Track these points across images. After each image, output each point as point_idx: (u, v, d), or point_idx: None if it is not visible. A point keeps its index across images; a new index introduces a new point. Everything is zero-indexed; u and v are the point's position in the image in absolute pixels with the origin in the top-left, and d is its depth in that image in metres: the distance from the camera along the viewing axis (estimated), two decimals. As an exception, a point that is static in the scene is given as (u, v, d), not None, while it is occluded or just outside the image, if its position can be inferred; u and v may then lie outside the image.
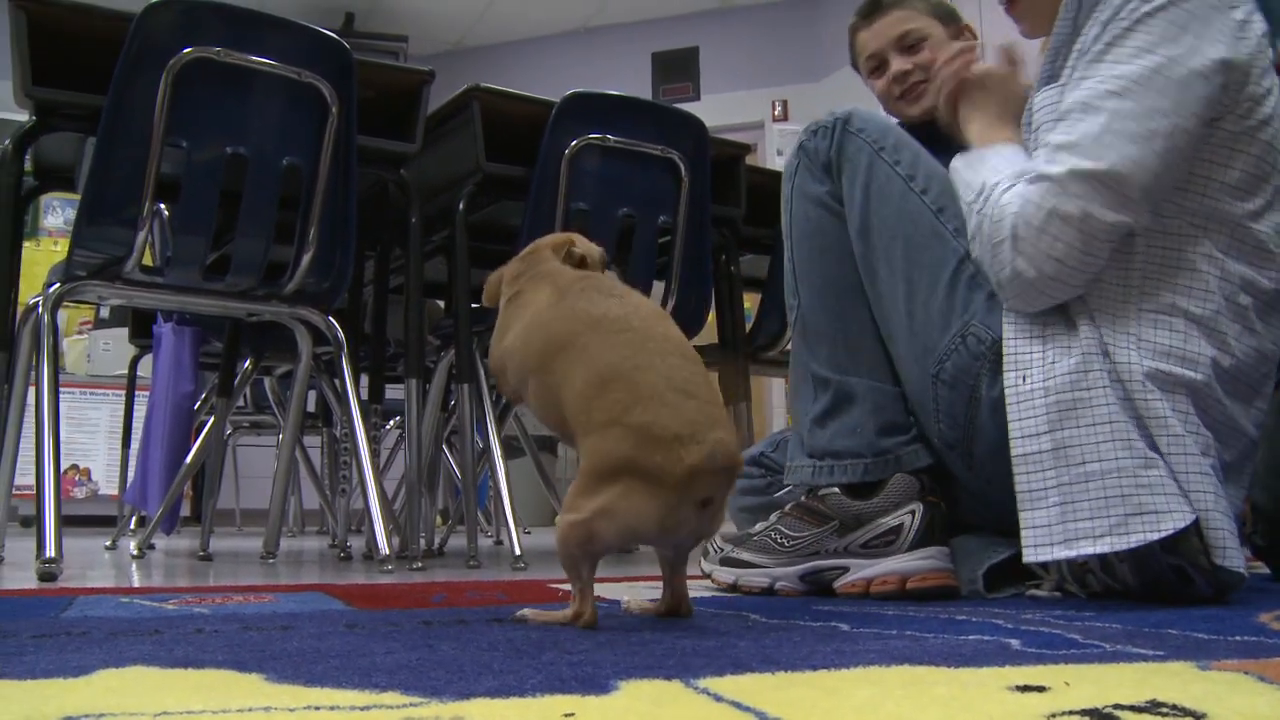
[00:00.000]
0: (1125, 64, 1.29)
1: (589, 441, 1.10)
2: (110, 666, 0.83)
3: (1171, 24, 1.28)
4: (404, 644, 0.95)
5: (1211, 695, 0.69)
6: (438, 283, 3.02)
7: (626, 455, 1.06)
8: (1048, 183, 1.29)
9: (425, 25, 7.11)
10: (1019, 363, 1.33)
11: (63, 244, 5.66)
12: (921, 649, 0.91)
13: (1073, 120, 1.30)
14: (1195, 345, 1.29)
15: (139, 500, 3.30)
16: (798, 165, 1.59)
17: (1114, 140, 1.27)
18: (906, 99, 2.10)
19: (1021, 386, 1.31)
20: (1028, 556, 1.28)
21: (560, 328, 1.18)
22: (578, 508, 1.07)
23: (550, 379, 1.17)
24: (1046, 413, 1.29)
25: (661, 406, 1.07)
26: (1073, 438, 1.27)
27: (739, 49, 7.00)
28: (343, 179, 2.21)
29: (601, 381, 1.10)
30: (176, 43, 1.97)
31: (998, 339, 1.38)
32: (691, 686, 0.73)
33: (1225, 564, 1.24)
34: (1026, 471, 1.29)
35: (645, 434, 1.05)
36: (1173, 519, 1.22)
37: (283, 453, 2.85)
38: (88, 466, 5.87)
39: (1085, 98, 1.30)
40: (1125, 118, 1.27)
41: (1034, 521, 1.28)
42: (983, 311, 1.40)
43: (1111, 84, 1.29)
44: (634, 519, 1.06)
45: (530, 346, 1.21)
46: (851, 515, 1.44)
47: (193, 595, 1.53)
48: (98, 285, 2.12)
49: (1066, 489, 1.26)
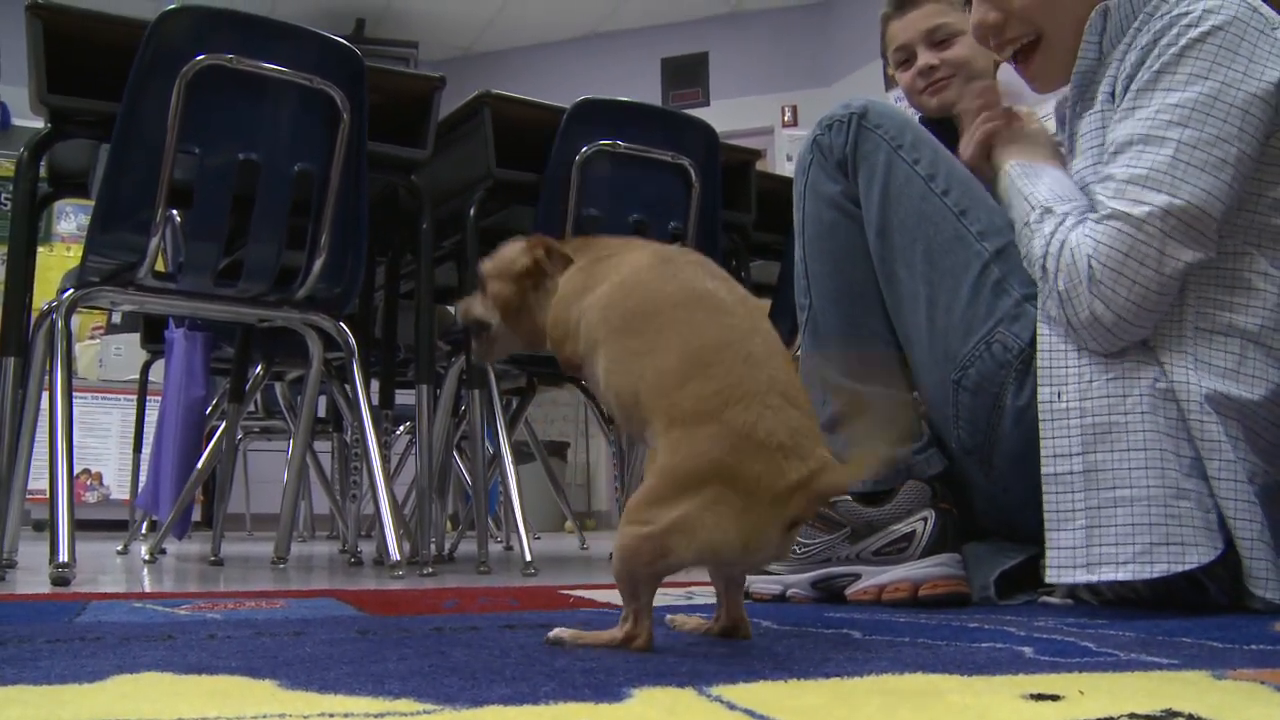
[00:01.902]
0: (1181, 91, 1.27)
1: (672, 435, 0.94)
2: (124, 672, 0.83)
3: (1222, 48, 1.27)
4: (416, 650, 0.95)
5: (1228, 705, 0.69)
6: (448, 288, 3.02)
7: (720, 460, 0.90)
8: (1121, 222, 1.26)
9: (435, 31, 7.13)
10: (1054, 377, 1.31)
11: (76, 250, 5.69)
12: (934, 657, 0.91)
13: (1135, 152, 1.27)
14: (1252, 366, 1.28)
15: (150, 505, 3.31)
16: (811, 161, 1.55)
17: (1186, 172, 1.25)
18: (929, 92, 2.12)
19: (1056, 404, 1.29)
20: (1050, 577, 1.27)
21: (661, 290, 1.03)
22: (649, 518, 0.92)
23: (634, 344, 1.01)
24: (1081, 434, 1.27)
25: (765, 409, 0.92)
26: (1105, 461, 1.26)
27: (749, 54, 7.00)
28: (354, 185, 2.22)
29: (699, 363, 0.96)
30: (189, 50, 1.98)
31: (1025, 347, 1.36)
32: (705, 694, 0.73)
33: (1266, 595, 1.23)
34: (1056, 492, 1.28)
35: (746, 438, 0.91)
36: (1198, 552, 1.22)
37: (294, 458, 2.85)
38: (99, 471, 5.89)
39: (1146, 129, 1.27)
40: (1193, 147, 1.25)
41: (1059, 543, 1.27)
42: (1009, 318, 1.38)
43: (1171, 113, 1.27)
44: (718, 537, 0.90)
45: (616, 307, 1.04)
46: (863, 522, 1.44)
47: (205, 600, 1.53)
48: (111, 291, 2.13)
49: (1094, 513, 1.25)
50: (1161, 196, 1.24)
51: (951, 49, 2.11)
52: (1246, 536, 1.23)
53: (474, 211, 2.42)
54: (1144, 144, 1.27)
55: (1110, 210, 1.27)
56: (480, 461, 2.59)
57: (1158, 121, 1.27)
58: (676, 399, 0.95)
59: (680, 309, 1.01)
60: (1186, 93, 1.26)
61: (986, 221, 1.42)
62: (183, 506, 2.98)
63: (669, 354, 0.97)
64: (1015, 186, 1.41)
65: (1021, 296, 1.38)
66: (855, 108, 1.51)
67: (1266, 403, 1.28)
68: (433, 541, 2.58)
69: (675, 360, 0.97)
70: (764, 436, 0.91)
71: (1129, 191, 1.26)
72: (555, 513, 6.03)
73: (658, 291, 1.03)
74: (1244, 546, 1.24)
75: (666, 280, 1.04)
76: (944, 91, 2.14)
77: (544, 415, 6.93)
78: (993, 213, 1.43)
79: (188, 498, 2.99)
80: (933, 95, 2.15)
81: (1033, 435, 1.32)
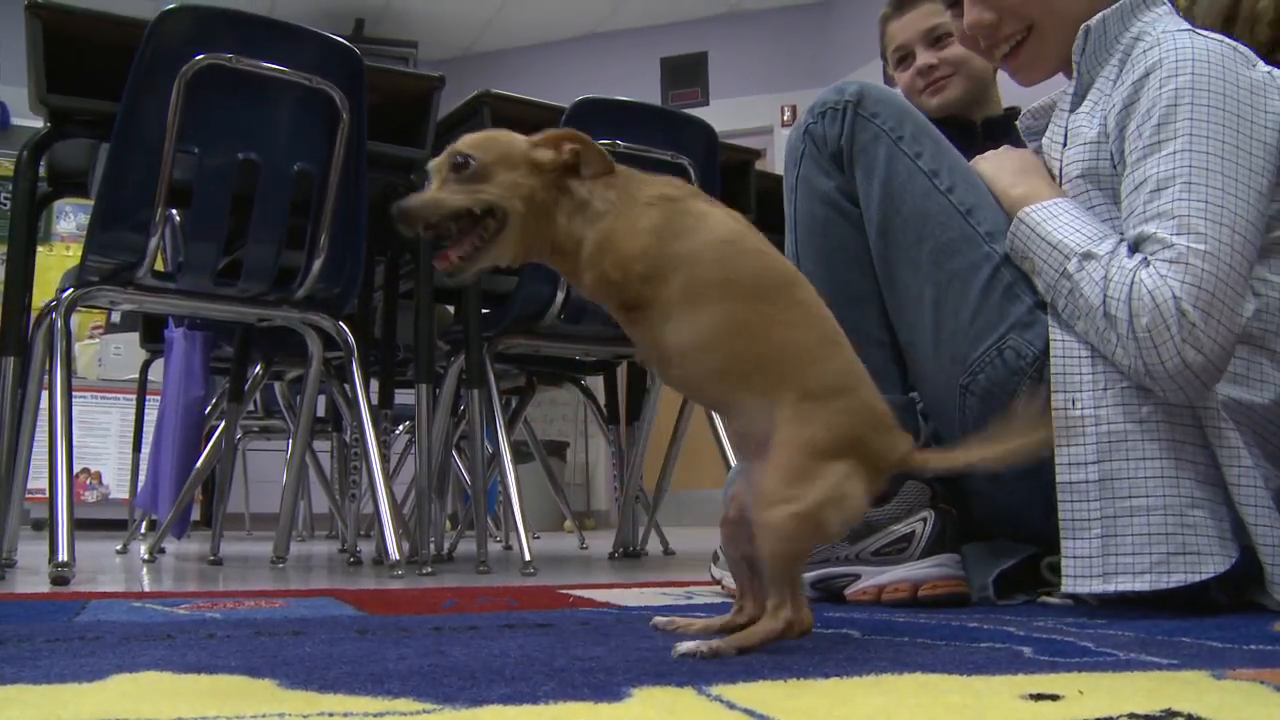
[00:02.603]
0: (1204, 122, 1.25)
1: (804, 407, 0.95)
2: (124, 671, 0.83)
3: (1226, 83, 1.27)
4: (415, 650, 0.95)
5: (1228, 705, 0.69)
6: (447, 288, 3.02)
7: (856, 432, 0.95)
8: (1200, 260, 1.21)
9: (435, 30, 7.12)
10: (1067, 385, 1.29)
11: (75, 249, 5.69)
12: (934, 657, 0.91)
13: (1182, 186, 1.24)
14: (1259, 371, 1.29)
15: (150, 504, 3.31)
16: (803, 152, 1.49)
17: (1238, 205, 1.23)
18: (929, 91, 2.12)
19: (1071, 411, 1.28)
20: (1067, 587, 1.27)
21: (778, 260, 1.03)
22: (797, 495, 0.92)
23: (769, 310, 0.99)
24: (1096, 442, 1.26)
25: (872, 390, 0.99)
26: (1120, 470, 1.25)
27: (748, 54, 7.00)
28: (353, 184, 2.22)
29: (830, 341, 1.00)
30: (189, 49, 1.98)
31: (1039, 355, 1.33)
32: (704, 694, 0.73)
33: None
34: (1071, 500, 1.27)
35: (872, 414, 0.97)
36: (1214, 562, 1.22)
37: (293, 457, 2.85)
38: (99, 470, 5.89)
39: (1186, 164, 1.24)
40: (1235, 180, 1.24)
41: (1075, 552, 1.26)
42: (1022, 325, 1.35)
43: (1206, 146, 1.25)
44: (858, 508, 0.94)
45: (743, 267, 1.00)
46: (863, 522, 1.44)
47: (204, 600, 1.53)
48: (110, 290, 2.13)
49: (1110, 522, 1.25)
50: (1225, 230, 1.22)
51: (950, 48, 2.12)
52: (1268, 543, 1.23)
53: (473, 211, 2.42)
54: (1190, 179, 1.24)
55: (1184, 247, 1.21)
56: (479, 461, 2.59)
57: (1197, 156, 1.24)
58: (814, 372, 0.97)
59: (800, 286, 1.03)
60: (1212, 124, 1.25)
61: (994, 222, 1.39)
62: (182, 506, 2.98)
63: (806, 327, 1.00)
64: (1037, 234, 1.34)
65: (1034, 303, 1.35)
66: (850, 94, 1.45)
67: (1274, 406, 1.29)
68: (432, 541, 2.57)
69: (814, 334, 1.00)
70: (884, 415, 0.98)
71: (1195, 226, 1.22)
72: (554, 512, 6.03)
73: (778, 260, 1.03)
74: (1265, 553, 1.24)
75: (774, 251, 1.03)
76: (944, 90, 2.14)
77: (543, 415, 6.93)
78: (998, 212, 1.40)
79: (187, 497, 2.99)
80: (933, 95, 2.15)
81: None
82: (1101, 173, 1.36)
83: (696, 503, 5.78)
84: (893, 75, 2.29)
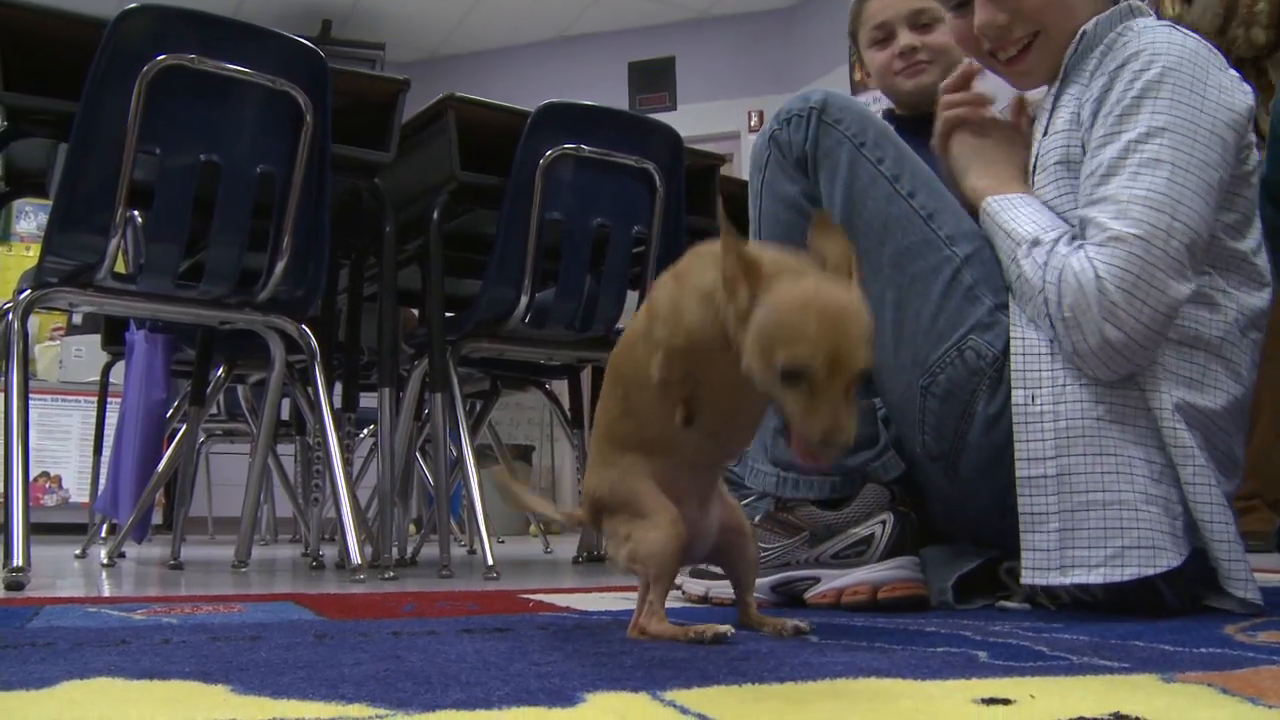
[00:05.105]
0: (1167, 114, 1.28)
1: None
2: (75, 678, 0.82)
3: (1195, 79, 1.30)
4: (372, 655, 0.95)
5: (1174, 708, 0.70)
6: (412, 291, 3.01)
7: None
8: (1129, 243, 1.25)
9: (403, 32, 7.10)
10: (1027, 380, 1.31)
11: (34, 249, 5.63)
12: (889, 661, 0.92)
13: (1130, 174, 1.28)
14: (1214, 378, 1.31)
15: (110, 508, 3.28)
16: (768, 158, 1.51)
17: (1182, 194, 1.26)
18: (907, 73, 2.09)
19: (1030, 407, 1.30)
20: (1026, 579, 1.28)
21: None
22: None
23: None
24: (1055, 437, 1.28)
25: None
26: (1077, 465, 1.27)
27: (716, 59, 7.01)
28: (317, 187, 2.21)
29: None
30: (150, 50, 1.96)
31: (998, 356, 1.35)
32: (658, 699, 0.73)
33: (1246, 595, 1.26)
34: (1030, 495, 1.29)
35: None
36: (1167, 556, 1.24)
37: (255, 461, 2.83)
38: (58, 474, 5.82)
39: (1138, 153, 1.28)
40: (1185, 171, 1.26)
41: (1034, 545, 1.28)
42: (981, 326, 1.36)
43: (1161, 137, 1.28)
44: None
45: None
46: (822, 526, 1.44)
47: (161, 605, 1.52)
48: (69, 292, 2.11)
49: (1068, 516, 1.26)
50: (1164, 217, 1.25)
51: (934, 34, 2.09)
52: (1222, 539, 1.26)
53: (438, 214, 2.42)
54: (1137, 167, 1.27)
55: (1116, 231, 1.25)
56: (443, 465, 2.58)
57: (1149, 145, 1.28)
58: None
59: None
60: (1172, 116, 1.28)
61: (954, 226, 1.41)
62: (142, 510, 2.95)
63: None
64: (995, 223, 1.39)
65: (994, 305, 1.37)
66: (814, 101, 1.47)
67: (1225, 413, 1.32)
68: (395, 545, 2.56)
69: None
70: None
71: (1131, 211, 1.26)
72: (519, 517, 6.02)
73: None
74: (1220, 549, 1.26)
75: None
76: (921, 75, 2.11)
77: (508, 419, 6.91)
78: (959, 216, 1.42)
79: (147, 501, 2.97)
80: (909, 77, 2.12)
81: (1002, 444, 1.33)
82: (1073, 160, 1.39)
83: (662, 507, 5.77)
84: (864, 55, 2.24)
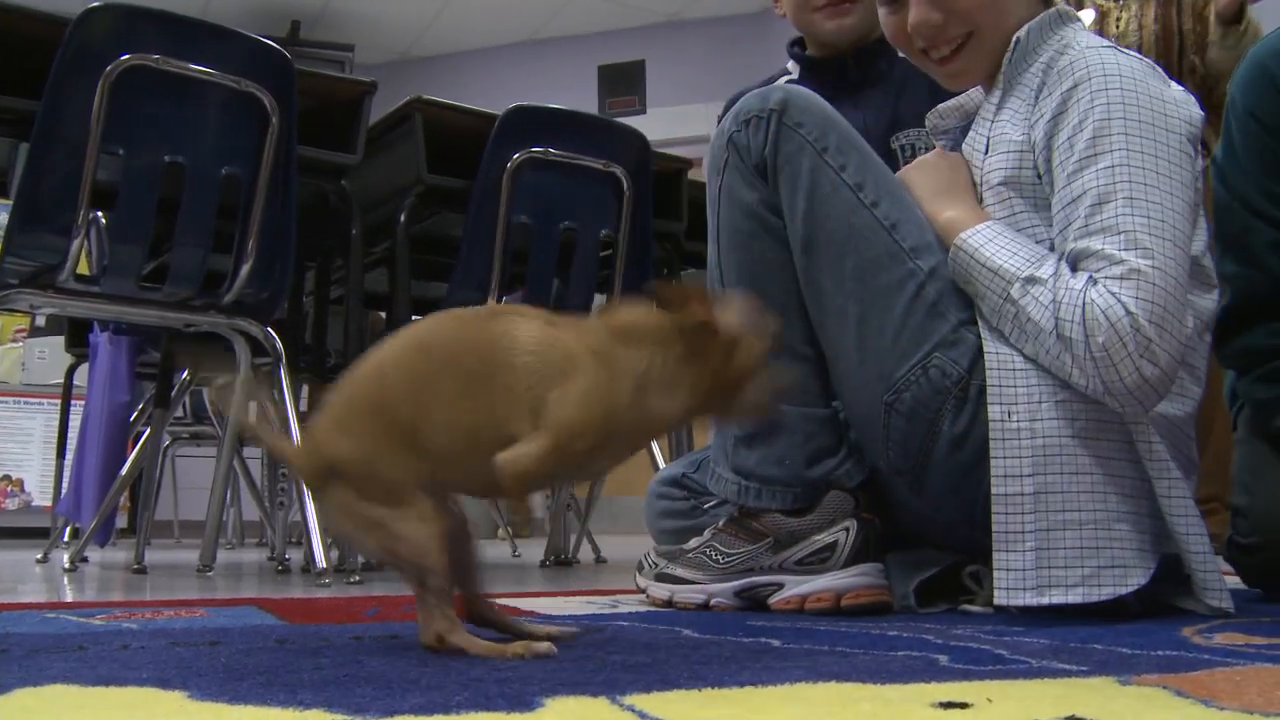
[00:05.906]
0: (1138, 137, 1.28)
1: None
2: (28, 685, 0.81)
3: (1153, 98, 1.31)
4: (333, 660, 0.95)
5: (1130, 711, 0.71)
6: (378, 294, 3.00)
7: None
8: (1147, 277, 1.23)
9: (372, 34, 7.07)
10: (1003, 396, 1.30)
11: (-3, 250, 5.55)
12: (850, 666, 0.92)
13: (1124, 201, 1.26)
14: (1181, 384, 1.33)
15: (72, 512, 3.25)
16: (726, 161, 1.46)
17: (1176, 219, 1.26)
18: (827, 13, 1.92)
19: (1007, 423, 1.29)
20: (999, 599, 1.27)
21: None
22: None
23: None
24: (1032, 455, 1.27)
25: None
26: (1054, 484, 1.27)
27: (686, 63, 7.03)
28: (283, 189, 2.20)
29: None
30: (114, 49, 1.95)
31: (964, 374, 1.33)
32: (617, 703, 0.73)
33: (1221, 604, 1.28)
34: (1005, 512, 1.27)
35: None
36: (1137, 574, 1.26)
37: (221, 464, 2.81)
38: (21, 477, 5.76)
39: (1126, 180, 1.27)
40: (1172, 194, 1.27)
41: (1009, 564, 1.27)
42: (946, 343, 1.34)
43: (1141, 162, 1.28)
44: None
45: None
46: (786, 532, 1.44)
47: (122, 610, 1.51)
48: (30, 294, 2.09)
49: (1044, 535, 1.26)
50: (1169, 245, 1.25)
51: None
52: (1197, 550, 1.27)
53: (405, 217, 2.41)
54: (1130, 193, 1.26)
55: (1134, 264, 1.23)
56: (410, 469, 2.56)
57: (1134, 170, 1.27)
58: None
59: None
60: (1144, 139, 1.28)
61: (918, 237, 1.38)
62: (105, 513, 2.93)
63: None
64: (975, 260, 1.34)
65: (959, 321, 1.35)
66: (774, 102, 1.42)
67: (1188, 418, 1.34)
68: (361, 549, 2.55)
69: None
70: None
71: (1141, 241, 1.24)
72: (487, 521, 6.00)
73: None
74: (1195, 560, 1.27)
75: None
76: (844, 17, 1.92)
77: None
78: (922, 227, 1.40)
79: (111, 504, 2.94)
80: (830, 17, 1.92)
81: (968, 461, 1.33)
82: (1024, 180, 1.39)
83: (629, 509, 5.76)
84: None
